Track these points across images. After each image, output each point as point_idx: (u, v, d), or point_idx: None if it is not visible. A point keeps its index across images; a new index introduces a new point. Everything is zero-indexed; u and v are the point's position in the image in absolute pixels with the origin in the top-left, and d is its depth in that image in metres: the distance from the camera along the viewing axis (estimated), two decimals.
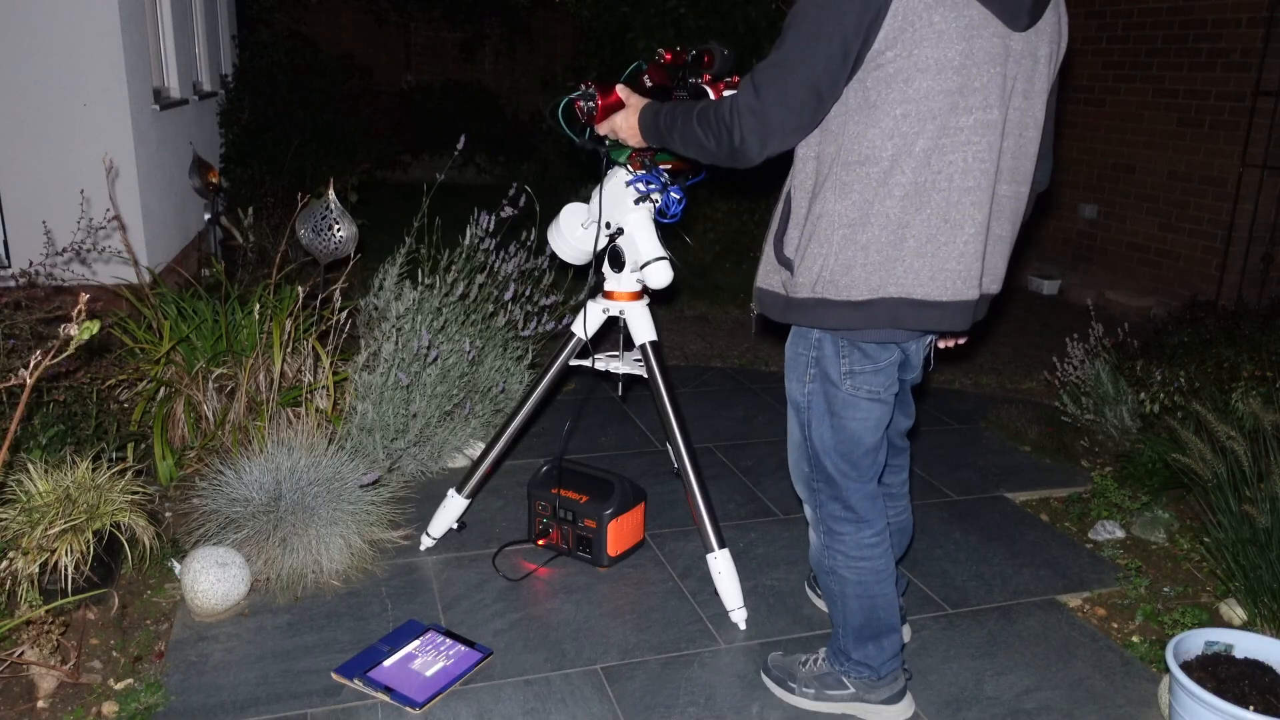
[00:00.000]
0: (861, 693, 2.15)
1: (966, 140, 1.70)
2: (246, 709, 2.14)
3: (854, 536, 2.02)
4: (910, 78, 1.64)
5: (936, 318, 1.79)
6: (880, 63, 1.64)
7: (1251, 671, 2.06)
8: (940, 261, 1.75)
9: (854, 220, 1.74)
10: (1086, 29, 6.45)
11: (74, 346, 1.68)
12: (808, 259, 1.80)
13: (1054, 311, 6.11)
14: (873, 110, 1.68)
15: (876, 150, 1.69)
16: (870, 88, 1.67)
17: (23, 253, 4.06)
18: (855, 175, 1.72)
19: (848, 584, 2.05)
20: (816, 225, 1.78)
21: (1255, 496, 2.50)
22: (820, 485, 2.03)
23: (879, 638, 2.09)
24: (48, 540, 2.27)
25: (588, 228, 2.51)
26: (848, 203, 1.74)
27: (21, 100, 4.21)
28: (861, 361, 1.88)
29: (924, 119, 1.67)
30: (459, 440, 3.40)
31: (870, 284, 1.77)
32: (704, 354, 4.99)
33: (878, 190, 1.71)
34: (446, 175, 3.75)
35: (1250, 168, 5.36)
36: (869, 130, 1.69)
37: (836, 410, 1.93)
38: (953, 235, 1.74)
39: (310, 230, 3.32)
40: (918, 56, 1.63)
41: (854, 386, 1.90)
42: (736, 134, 1.74)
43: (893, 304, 1.77)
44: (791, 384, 2.00)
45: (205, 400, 3.20)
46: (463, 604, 2.58)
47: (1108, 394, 3.56)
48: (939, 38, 1.62)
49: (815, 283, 1.80)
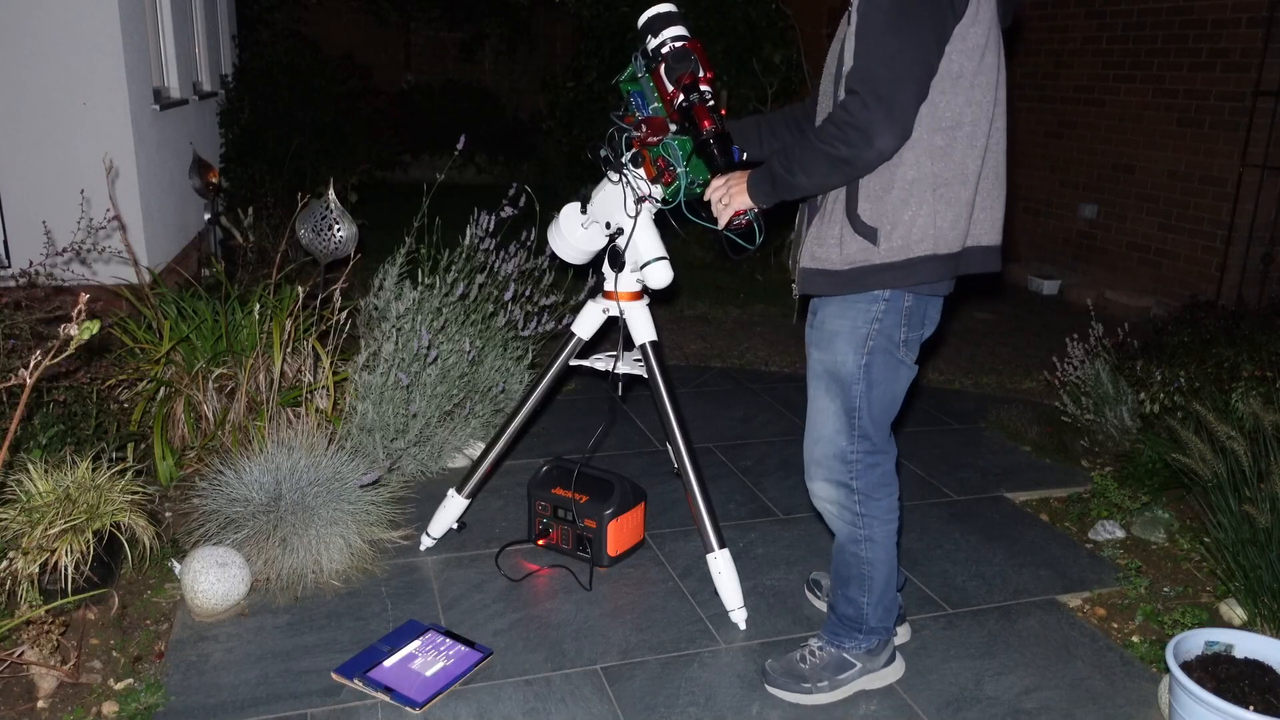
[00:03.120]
0: (867, 664, 2.24)
1: (1002, 110, 1.98)
2: (246, 709, 2.14)
3: (888, 500, 2.16)
4: (982, 54, 1.87)
5: (994, 260, 2.07)
6: (965, 35, 1.84)
7: (1251, 671, 2.06)
8: (993, 212, 2.03)
9: (950, 179, 1.91)
10: (1086, 29, 6.45)
11: (74, 346, 1.68)
12: (903, 223, 1.92)
13: (1054, 311, 6.11)
14: (958, 80, 1.86)
15: (961, 115, 1.89)
16: (954, 60, 1.85)
17: (23, 253, 4.06)
18: (949, 139, 1.89)
19: (879, 549, 2.16)
20: (910, 189, 1.91)
21: (1255, 496, 2.50)
22: (861, 455, 2.11)
23: (886, 598, 2.21)
24: (48, 540, 2.27)
25: (588, 228, 2.51)
26: (944, 164, 1.90)
27: (21, 100, 4.21)
28: (917, 325, 2.06)
29: (988, 89, 1.91)
30: (459, 440, 3.40)
31: (961, 234, 1.97)
32: (704, 354, 4.99)
33: (966, 151, 1.91)
34: (446, 175, 3.75)
35: (1250, 168, 5.36)
36: (955, 99, 1.87)
37: (889, 376, 2.06)
38: (999, 188, 2.03)
39: (310, 230, 3.32)
40: (986, 34, 1.86)
41: (906, 351, 2.07)
42: (870, 129, 1.81)
43: (972, 251, 2.01)
44: (839, 357, 2.06)
45: (205, 400, 3.20)
46: (463, 604, 2.58)
47: (1108, 394, 3.56)
48: (992, 20, 1.89)
49: (917, 241, 1.93)
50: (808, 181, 1.95)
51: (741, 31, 6.63)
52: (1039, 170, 6.95)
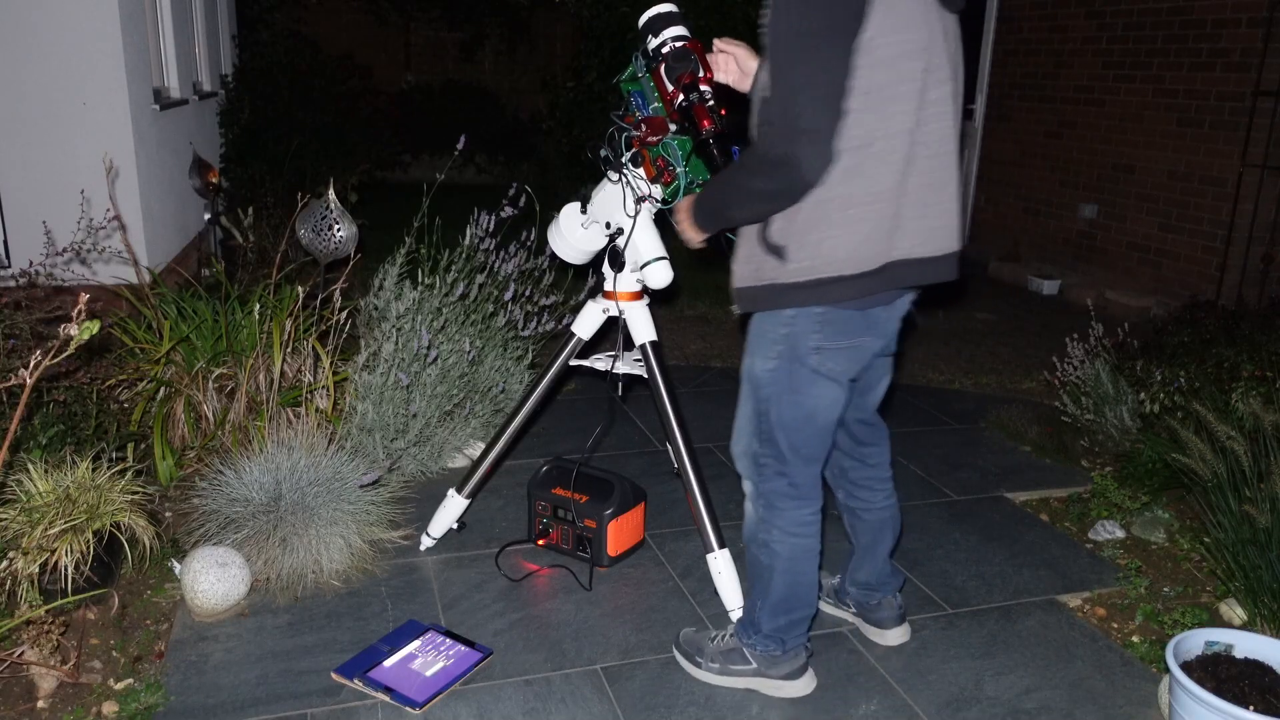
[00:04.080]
0: (763, 668, 2.22)
1: (938, 112, 1.86)
2: (246, 709, 2.14)
3: (794, 513, 2.10)
4: (893, 61, 1.77)
5: (935, 271, 1.97)
6: (872, 49, 1.74)
7: (1251, 671, 2.06)
8: (930, 221, 1.92)
9: (861, 199, 1.84)
10: (1086, 29, 6.45)
11: (74, 346, 1.68)
12: (809, 243, 1.88)
13: (1054, 311, 6.11)
14: (867, 95, 1.77)
15: (872, 132, 1.80)
16: (860, 76, 1.75)
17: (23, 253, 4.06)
18: (858, 159, 1.81)
19: (778, 558, 2.12)
20: (819, 209, 1.85)
21: (1255, 496, 2.50)
22: (768, 461, 2.10)
23: (792, 613, 2.17)
24: (48, 540, 2.27)
25: (588, 228, 2.51)
26: (855, 184, 1.82)
27: (21, 100, 4.21)
28: (835, 337, 1.96)
29: (909, 98, 1.80)
30: (459, 440, 3.40)
31: (877, 252, 1.88)
32: (704, 354, 4.99)
33: (878, 169, 1.82)
34: (446, 175, 3.75)
35: (1250, 168, 5.36)
36: (865, 116, 1.78)
37: (797, 387, 2.01)
38: (938, 197, 1.92)
39: (310, 230, 3.32)
40: (894, 42, 1.76)
41: (819, 363, 1.98)
42: (791, 161, 1.77)
43: (899, 266, 1.91)
44: (755, 360, 2.07)
45: (205, 400, 3.20)
46: (463, 604, 2.58)
47: (1108, 394, 3.56)
48: (909, 23, 1.78)
49: (825, 263, 1.88)
50: (742, 215, 1.97)
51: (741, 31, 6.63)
52: (1039, 170, 6.95)
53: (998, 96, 7.34)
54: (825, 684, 2.28)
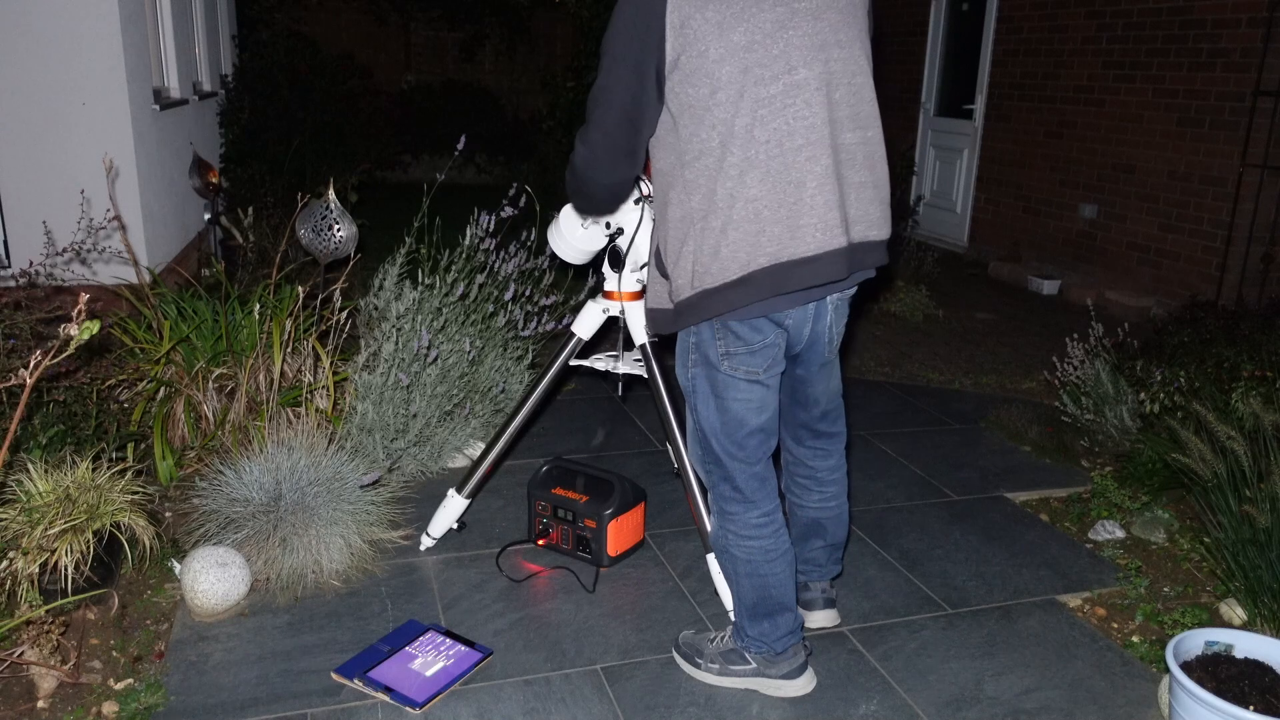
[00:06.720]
0: (762, 668, 2.22)
1: (782, 106, 1.80)
2: (246, 709, 2.14)
3: (742, 516, 2.11)
4: (710, 71, 1.77)
5: (812, 272, 1.88)
6: (679, 66, 1.79)
7: (1251, 671, 2.06)
8: (795, 219, 1.84)
9: (707, 210, 1.85)
10: (1086, 29, 6.45)
11: (74, 346, 1.68)
12: (681, 260, 1.92)
13: (1054, 311, 6.11)
14: (691, 110, 1.81)
15: (705, 143, 1.82)
16: (681, 92, 1.80)
17: (23, 253, 4.07)
18: (695, 171, 1.85)
19: (739, 563, 2.14)
20: (677, 228, 1.90)
21: (1255, 496, 2.50)
22: (712, 467, 2.12)
23: (772, 615, 2.16)
24: (48, 540, 2.27)
25: (587, 228, 2.51)
26: (697, 198, 1.86)
27: (21, 100, 4.21)
28: (736, 343, 1.97)
29: (734, 101, 1.79)
30: (459, 440, 3.40)
31: (740, 260, 1.86)
32: None
33: (716, 176, 1.83)
34: (446, 175, 3.75)
35: (1250, 168, 5.36)
36: (697, 129, 1.82)
37: (718, 392, 2.03)
38: (798, 193, 1.84)
39: (310, 230, 3.32)
40: (709, 53, 1.77)
41: (731, 368, 1.99)
42: (585, 175, 1.96)
43: (768, 272, 1.86)
44: (678, 370, 2.12)
45: (205, 400, 3.20)
46: (463, 604, 2.58)
47: (1108, 394, 3.56)
48: (719, 29, 1.76)
49: (693, 279, 1.91)
50: (587, 207, 2.17)
51: None
52: (1039, 170, 6.95)
53: (998, 96, 7.34)
54: (825, 684, 2.28)
